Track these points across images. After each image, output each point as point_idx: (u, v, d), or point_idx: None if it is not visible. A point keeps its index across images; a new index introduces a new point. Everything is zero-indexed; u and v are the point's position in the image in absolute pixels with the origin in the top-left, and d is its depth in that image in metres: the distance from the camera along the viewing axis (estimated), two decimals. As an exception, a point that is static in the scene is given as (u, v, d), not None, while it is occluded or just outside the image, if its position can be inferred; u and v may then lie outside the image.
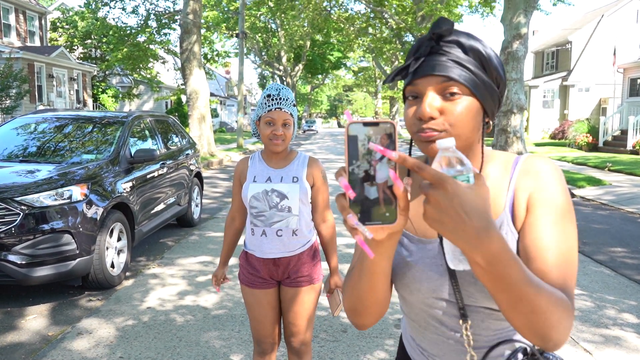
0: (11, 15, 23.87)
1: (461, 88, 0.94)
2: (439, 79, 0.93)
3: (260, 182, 2.26)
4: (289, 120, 2.20)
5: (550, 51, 32.20)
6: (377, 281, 0.94)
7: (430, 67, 0.94)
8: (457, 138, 0.95)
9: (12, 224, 4.00)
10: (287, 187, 2.24)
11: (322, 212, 2.36)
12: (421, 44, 0.97)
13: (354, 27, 29.77)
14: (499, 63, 0.98)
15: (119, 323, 3.88)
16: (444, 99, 0.94)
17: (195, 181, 7.46)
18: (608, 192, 10.43)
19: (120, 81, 34.36)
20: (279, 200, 2.23)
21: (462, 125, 0.94)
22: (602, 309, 4.24)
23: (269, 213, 2.24)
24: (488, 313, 1.01)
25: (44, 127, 5.85)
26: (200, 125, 17.60)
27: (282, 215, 2.24)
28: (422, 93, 0.95)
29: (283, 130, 2.18)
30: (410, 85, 0.97)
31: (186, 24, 17.32)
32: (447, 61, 0.94)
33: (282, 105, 2.17)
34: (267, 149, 2.26)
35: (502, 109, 16.36)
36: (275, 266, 2.29)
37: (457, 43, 0.95)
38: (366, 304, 0.99)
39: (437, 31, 0.94)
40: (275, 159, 2.30)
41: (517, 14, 15.81)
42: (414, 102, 0.97)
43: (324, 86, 77.38)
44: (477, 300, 1.00)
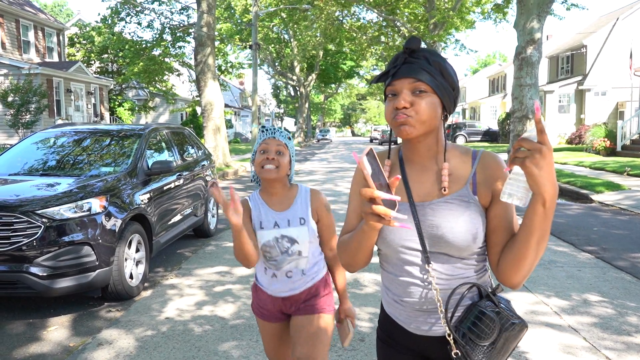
0: (30, 32, 24.40)
1: (426, 87, 1.31)
2: (411, 80, 1.31)
3: (268, 228, 2.15)
4: (283, 149, 2.11)
5: (565, 55, 31.94)
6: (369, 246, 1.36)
7: (404, 71, 1.32)
8: (422, 123, 1.32)
9: (33, 237, 4.07)
10: (296, 231, 2.16)
11: (328, 242, 2.27)
12: (397, 57, 1.36)
13: (366, 36, 29.87)
14: (454, 73, 1.37)
15: (138, 334, 3.92)
16: (413, 95, 1.32)
17: (211, 192, 7.52)
18: (627, 196, 10.28)
19: (136, 94, 34.84)
20: (289, 245, 2.17)
21: (425, 114, 1.31)
22: (623, 315, 4.17)
23: (280, 258, 2.18)
24: (446, 258, 1.37)
25: (63, 141, 5.96)
26: (215, 136, 17.75)
27: (292, 259, 2.19)
28: (399, 91, 1.33)
29: (276, 157, 2.08)
30: (390, 85, 1.34)
31: (200, 37, 17.54)
32: (417, 68, 1.31)
33: (275, 134, 2.12)
34: (266, 188, 2.17)
35: (517, 114, 16.25)
36: (284, 302, 2.25)
37: (423, 56, 1.33)
38: (358, 260, 1.42)
39: (409, 46, 1.34)
40: (276, 197, 2.18)
41: (530, 20, 15.74)
42: (392, 99, 1.34)
43: (338, 95, 77.58)
44: (438, 248, 1.36)
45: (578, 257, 6.04)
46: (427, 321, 1.42)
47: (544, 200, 1.17)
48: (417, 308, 1.42)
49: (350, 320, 2.30)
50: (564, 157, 19.21)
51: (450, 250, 1.35)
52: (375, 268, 5.52)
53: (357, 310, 4.29)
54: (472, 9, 25.39)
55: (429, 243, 1.36)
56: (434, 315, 1.41)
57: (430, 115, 1.31)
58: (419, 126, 1.32)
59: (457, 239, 1.33)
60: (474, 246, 1.35)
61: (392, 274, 1.46)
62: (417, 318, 1.43)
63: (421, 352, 1.49)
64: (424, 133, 1.34)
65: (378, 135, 48.15)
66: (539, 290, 4.80)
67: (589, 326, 3.96)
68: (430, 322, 1.42)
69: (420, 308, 1.42)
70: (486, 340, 1.32)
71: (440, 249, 1.36)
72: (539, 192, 1.16)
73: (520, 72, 16.14)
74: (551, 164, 1.14)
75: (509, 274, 1.29)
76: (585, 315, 4.18)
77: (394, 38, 30.81)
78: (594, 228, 7.63)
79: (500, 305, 1.36)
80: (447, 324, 1.36)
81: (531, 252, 1.23)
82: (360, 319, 4.13)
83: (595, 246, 6.52)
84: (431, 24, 24.89)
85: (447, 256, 1.37)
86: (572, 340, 3.72)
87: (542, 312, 4.27)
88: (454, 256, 1.37)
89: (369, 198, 1.16)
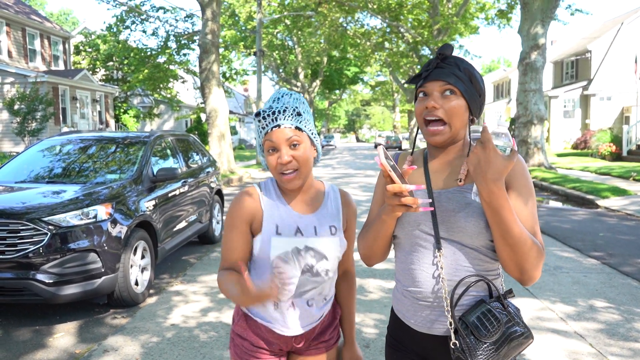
0: (36, 41, 24.61)
1: (455, 91, 1.40)
2: (442, 83, 1.41)
3: (286, 235, 1.57)
4: (296, 137, 1.52)
5: (570, 61, 31.90)
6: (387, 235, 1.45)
7: (436, 74, 1.42)
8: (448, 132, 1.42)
9: (40, 244, 4.10)
10: (326, 244, 1.60)
11: (346, 260, 1.77)
12: (430, 61, 1.46)
13: (370, 42, 29.96)
14: (482, 81, 1.46)
15: (143, 340, 3.93)
16: (443, 97, 1.41)
17: (216, 198, 7.54)
18: (634, 202, 10.23)
19: (141, 101, 35.03)
20: (315, 262, 1.59)
21: (453, 116, 1.41)
22: (630, 322, 4.15)
23: (301, 279, 1.59)
24: (459, 247, 1.40)
25: (68, 149, 6.00)
26: (220, 143, 17.80)
27: (317, 282, 1.61)
28: (430, 92, 1.42)
29: (292, 152, 1.52)
30: (421, 87, 1.45)
31: (205, 44, 17.64)
32: (448, 72, 1.41)
33: (280, 120, 1.51)
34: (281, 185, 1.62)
35: (522, 120, 16.23)
36: (297, 339, 1.69)
37: (454, 63, 1.43)
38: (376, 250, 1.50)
39: (442, 52, 1.43)
40: (297, 194, 1.63)
41: (535, 25, 15.75)
42: (423, 99, 1.45)
43: (342, 101, 77.72)
44: (451, 235, 1.40)
45: (584, 262, 6.01)
46: (429, 317, 1.43)
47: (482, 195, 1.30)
48: (422, 299, 1.44)
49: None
50: (569, 163, 19.15)
51: (463, 237, 1.39)
52: (381, 274, 5.51)
53: (362, 317, 4.29)
54: (476, 14, 25.44)
55: (443, 229, 1.41)
56: (438, 311, 1.42)
57: (456, 117, 1.41)
58: (447, 133, 1.42)
59: (469, 224, 1.38)
60: (487, 235, 1.38)
61: (404, 263, 1.49)
62: (420, 312, 1.45)
63: (424, 355, 1.49)
64: (452, 136, 1.44)
65: (382, 141, 47.98)
66: (545, 296, 4.78)
67: (595, 332, 3.94)
68: (432, 318, 1.43)
69: (426, 300, 1.43)
70: (488, 339, 1.33)
71: (453, 235, 1.40)
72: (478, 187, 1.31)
73: (524, 77, 16.14)
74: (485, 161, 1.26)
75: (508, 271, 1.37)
76: (592, 321, 4.16)
77: (398, 44, 30.89)
78: (599, 233, 7.59)
79: (508, 309, 1.39)
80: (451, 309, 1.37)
81: (501, 249, 1.33)
82: (365, 325, 4.13)
83: (602, 252, 6.49)
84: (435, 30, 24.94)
85: (460, 244, 1.40)
86: (578, 346, 3.70)
87: (547, 318, 4.26)
88: (467, 245, 1.39)
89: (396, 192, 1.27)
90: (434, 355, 1.46)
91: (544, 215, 9.28)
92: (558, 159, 21.36)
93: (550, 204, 11.23)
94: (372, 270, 5.62)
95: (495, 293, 1.41)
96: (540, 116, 16.20)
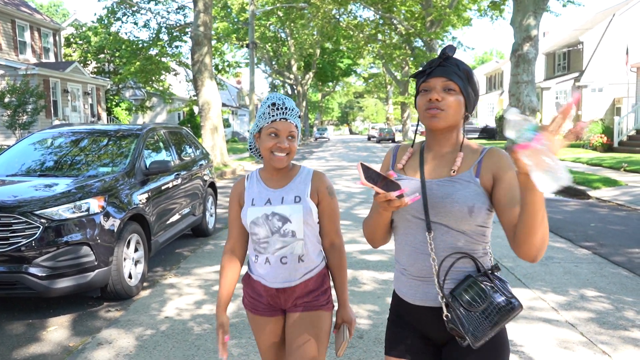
0: (26, 33, 24.35)
1: (455, 87, 1.58)
2: (444, 79, 1.58)
3: (258, 205, 2.00)
4: (295, 132, 1.97)
5: (562, 52, 31.99)
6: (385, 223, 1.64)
7: (439, 71, 1.59)
8: (446, 117, 1.58)
9: (32, 237, 4.08)
10: (289, 209, 1.98)
11: (329, 233, 2.07)
12: (434, 60, 1.63)
13: (363, 34, 29.88)
14: (477, 82, 1.64)
15: (138, 333, 3.94)
16: (444, 92, 1.58)
17: (209, 191, 7.53)
18: (624, 192, 10.32)
19: (133, 94, 34.80)
20: (280, 224, 1.98)
21: (452, 109, 1.58)
22: (620, 310, 4.20)
23: (271, 239, 1.99)
24: (446, 230, 1.57)
25: (60, 142, 5.96)
26: (213, 136, 17.75)
27: (286, 241, 1.98)
28: (432, 87, 1.59)
29: (288, 143, 1.95)
30: (424, 82, 1.61)
31: (197, 36, 17.53)
32: (449, 71, 1.59)
33: (287, 115, 1.95)
34: (268, 165, 2.02)
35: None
36: (279, 294, 2.03)
37: (455, 63, 1.61)
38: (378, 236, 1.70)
39: (445, 52, 1.61)
40: (275, 176, 2.04)
41: (527, 16, 15.75)
42: (425, 94, 1.61)
43: (335, 93, 77.58)
44: (439, 219, 1.57)
45: (575, 253, 6.07)
46: (424, 291, 1.62)
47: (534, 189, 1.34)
48: (417, 275, 1.63)
49: (348, 327, 2.08)
50: (561, 154, 19.23)
51: (449, 221, 1.57)
52: (374, 266, 5.54)
53: (356, 308, 4.31)
54: (469, 6, 25.42)
55: (432, 213, 1.59)
56: (431, 285, 1.60)
57: (454, 111, 1.58)
58: (446, 119, 1.58)
59: (454, 209, 1.55)
60: (470, 220, 1.56)
61: (400, 245, 1.69)
62: (417, 288, 1.63)
63: (424, 332, 1.67)
64: (449, 126, 1.61)
65: (376, 133, 47.91)
66: (536, 286, 4.83)
67: (586, 321, 3.99)
68: (426, 291, 1.61)
69: (420, 275, 1.62)
70: (476, 309, 1.50)
71: (441, 219, 1.58)
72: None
73: (517, 69, 16.17)
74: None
75: (525, 249, 1.43)
76: (582, 311, 4.21)
77: (390, 36, 30.84)
78: (591, 224, 7.66)
79: (494, 282, 1.55)
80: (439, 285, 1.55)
81: (539, 227, 1.38)
82: (359, 316, 4.15)
83: (593, 242, 6.55)
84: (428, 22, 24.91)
85: (447, 227, 1.58)
86: (568, 335, 3.75)
87: (539, 307, 4.30)
88: (453, 228, 1.57)
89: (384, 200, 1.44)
90: (430, 327, 1.64)
91: (536, 206, 9.33)
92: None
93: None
94: (365, 262, 5.65)
95: (482, 269, 1.58)
96: (532, 108, 16.26)
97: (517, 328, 3.87)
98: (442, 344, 1.65)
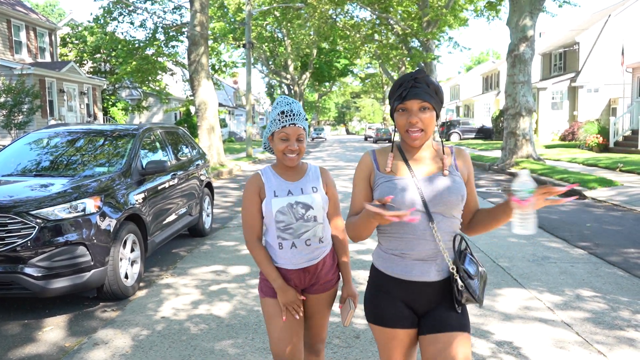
0: (22, 33, 24.26)
1: (429, 106, 1.88)
2: (419, 101, 1.87)
3: (282, 196, 2.29)
4: (303, 135, 2.28)
5: (558, 52, 32.07)
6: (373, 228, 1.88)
7: (414, 94, 1.86)
8: (425, 136, 1.91)
9: (28, 237, 4.07)
10: (310, 198, 2.30)
11: (334, 218, 2.44)
12: (404, 81, 1.90)
13: (359, 34, 29.87)
14: (442, 91, 1.94)
15: (134, 333, 3.93)
16: (420, 112, 1.88)
17: (206, 191, 7.52)
18: (620, 192, 10.35)
19: (129, 94, 34.72)
20: (304, 211, 2.29)
21: (429, 126, 1.90)
22: (616, 310, 4.21)
23: (296, 225, 2.28)
24: (441, 217, 1.91)
25: (56, 142, 5.94)
26: (210, 136, 17.72)
27: (309, 226, 2.30)
28: (409, 109, 1.88)
29: (298, 145, 2.26)
30: (401, 104, 1.89)
31: (194, 36, 17.50)
32: (422, 92, 1.86)
33: (295, 120, 2.25)
34: (281, 163, 2.33)
35: (510, 112, 16.29)
36: (305, 274, 2.34)
37: (424, 82, 1.88)
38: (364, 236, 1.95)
39: (416, 76, 1.88)
40: (290, 172, 2.35)
41: (523, 17, 15.79)
42: (403, 114, 1.90)
43: (332, 94, 77.60)
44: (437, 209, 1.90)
45: (571, 252, 6.08)
46: (421, 269, 1.93)
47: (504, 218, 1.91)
48: (417, 258, 1.93)
49: (353, 300, 2.39)
50: (557, 154, 19.30)
51: (445, 209, 1.91)
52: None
53: (352, 308, 4.31)
54: (465, 6, 25.45)
55: (430, 205, 1.90)
56: (434, 264, 1.93)
57: (431, 126, 1.92)
58: (425, 137, 1.92)
59: (451, 198, 1.90)
60: (461, 206, 1.94)
61: (397, 233, 1.95)
62: (417, 266, 1.93)
63: (407, 300, 1.98)
64: (427, 139, 1.95)
65: (372, 134, 47.90)
66: (532, 286, 4.84)
67: (582, 321, 4.00)
68: (423, 269, 1.93)
69: (420, 257, 1.93)
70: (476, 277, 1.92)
71: (438, 208, 1.90)
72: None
73: (513, 69, 16.20)
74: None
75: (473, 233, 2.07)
76: (578, 311, 4.22)
77: (387, 36, 30.84)
78: (587, 224, 7.68)
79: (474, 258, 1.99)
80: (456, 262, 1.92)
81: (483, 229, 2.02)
82: (356, 315, 4.15)
83: (588, 242, 6.57)
84: (424, 22, 24.93)
85: (442, 215, 1.91)
86: (564, 335, 3.76)
87: (535, 307, 4.31)
88: (447, 215, 1.92)
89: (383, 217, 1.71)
90: (417, 297, 1.97)
91: (532, 206, 9.35)
92: (546, 150, 21.52)
93: (539, 195, 11.33)
94: (362, 262, 5.65)
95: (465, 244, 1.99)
96: (528, 108, 16.30)
97: (513, 328, 3.89)
98: (423, 313, 1.98)
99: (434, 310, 1.95)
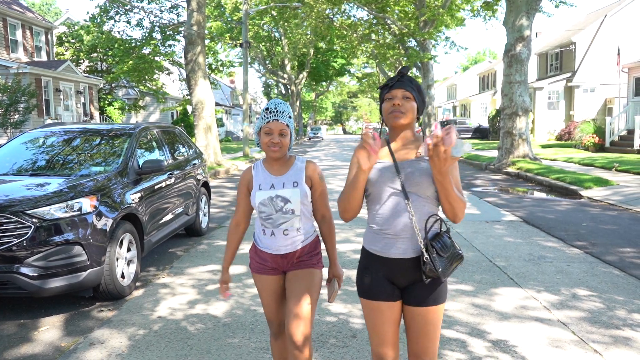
0: (18, 31, 24.17)
1: (410, 96, 2.21)
2: (403, 90, 2.21)
3: (265, 189, 2.52)
4: (285, 130, 2.48)
5: (554, 52, 32.14)
6: (361, 188, 2.17)
7: (399, 85, 2.22)
8: (405, 117, 2.21)
9: (23, 237, 4.05)
10: (289, 192, 2.51)
11: (320, 209, 2.62)
12: (394, 77, 2.24)
13: (356, 34, 29.86)
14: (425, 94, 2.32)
15: (130, 333, 3.92)
16: (403, 99, 2.21)
17: (202, 191, 7.51)
18: (616, 192, 10.39)
19: (126, 93, 34.63)
20: (283, 204, 2.51)
21: (409, 112, 2.21)
22: (612, 309, 4.23)
23: (275, 216, 2.51)
24: (416, 197, 2.16)
25: (52, 141, 5.93)
26: (207, 135, 17.69)
27: (287, 217, 2.52)
28: (394, 95, 2.21)
29: (280, 138, 2.46)
30: (388, 93, 2.23)
31: (190, 36, 17.47)
32: (406, 84, 2.22)
33: (278, 117, 2.47)
34: (267, 156, 2.54)
35: (507, 111, 16.33)
36: (282, 259, 2.57)
37: (408, 79, 2.23)
38: (352, 205, 2.20)
39: (402, 72, 2.24)
40: (276, 165, 2.56)
41: (520, 17, 15.82)
42: (389, 101, 2.23)
43: (329, 93, 77.52)
44: (414, 190, 2.16)
45: (567, 252, 6.10)
46: (400, 246, 2.17)
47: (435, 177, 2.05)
48: (393, 234, 2.17)
49: (337, 280, 2.67)
50: (553, 154, 19.35)
51: (419, 189, 2.16)
52: (367, 265, 5.54)
53: (349, 307, 4.32)
54: (462, 6, 25.47)
55: (407, 185, 2.17)
56: (410, 241, 2.16)
57: (411, 113, 2.23)
58: (405, 118, 2.21)
59: (422, 180, 2.16)
60: (432, 187, 2.16)
61: (380, 212, 2.21)
62: (395, 244, 2.18)
63: (390, 277, 2.22)
64: (406, 123, 2.24)
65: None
66: (529, 286, 4.85)
67: (578, 320, 4.01)
68: (402, 247, 2.17)
69: (397, 234, 2.17)
70: (444, 254, 2.12)
71: (413, 188, 2.16)
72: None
73: (509, 69, 16.23)
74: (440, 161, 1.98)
75: (447, 216, 2.17)
76: (574, 310, 4.24)
77: (384, 36, 30.84)
78: (583, 223, 7.71)
79: (451, 239, 2.19)
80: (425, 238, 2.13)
81: (444, 203, 2.12)
82: (352, 315, 4.16)
83: (584, 241, 6.59)
84: (421, 22, 24.96)
85: (417, 195, 2.17)
86: (560, 334, 3.77)
87: (531, 307, 4.32)
88: (422, 196, 2.17)
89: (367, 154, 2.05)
90: (398, 274, 2.21)
91: (529, 206, 9.39)
92: (542, 150, 21.56)
93: (535, 194, 11.36)
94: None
95: (445, 227, 2.20)
96: (525, 108, 16.34)
97: (509, 327, 3.89)
98: (404, 287, 2.22)
99: (413, 285, 2.21)
